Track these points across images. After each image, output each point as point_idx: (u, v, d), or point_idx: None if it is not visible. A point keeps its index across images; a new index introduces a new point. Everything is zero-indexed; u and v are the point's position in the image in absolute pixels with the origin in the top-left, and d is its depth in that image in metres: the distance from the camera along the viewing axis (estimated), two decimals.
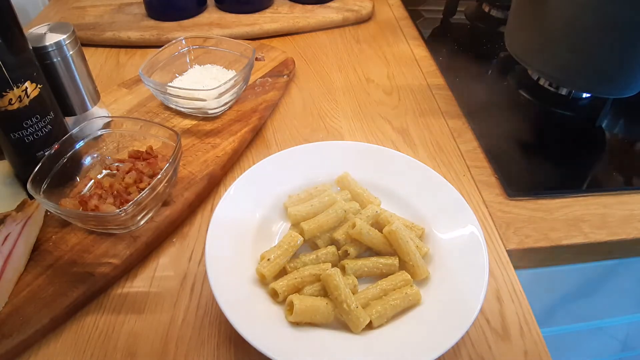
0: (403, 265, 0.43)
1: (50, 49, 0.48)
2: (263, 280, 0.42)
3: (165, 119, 0.61)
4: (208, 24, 0.83)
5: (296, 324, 0.39)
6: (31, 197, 0.46)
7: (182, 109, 0.62)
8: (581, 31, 0.57)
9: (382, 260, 0.43)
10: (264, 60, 0.73)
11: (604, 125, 0.66)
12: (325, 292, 0.41)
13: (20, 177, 0.49)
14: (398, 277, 0.42)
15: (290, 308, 0.39)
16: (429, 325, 0.39)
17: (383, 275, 0.43)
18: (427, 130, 0.64)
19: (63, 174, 0.48)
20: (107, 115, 0.59)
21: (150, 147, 0.53)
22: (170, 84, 0.65)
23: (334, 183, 0.51)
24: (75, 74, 0.52)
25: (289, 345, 0.37)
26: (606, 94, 0.65)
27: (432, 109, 0.68)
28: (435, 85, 0.73)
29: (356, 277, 0.42)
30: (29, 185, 0.43)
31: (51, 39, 0.48)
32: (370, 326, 0.39)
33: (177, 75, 0.67)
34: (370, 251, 0.45)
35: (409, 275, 0.42)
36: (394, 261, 0.43)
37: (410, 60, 0.79)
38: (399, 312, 0.40)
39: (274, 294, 0.41)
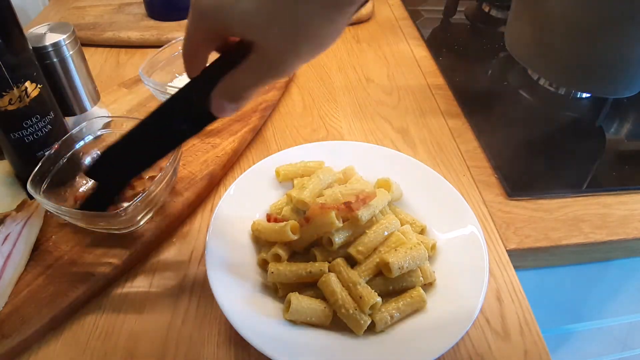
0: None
1: (50, 49, 0.48)
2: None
3: None
4: None
5: (295, 324, 0.39)
6: (31, 197, 0.46)
7: None
8: (581, 31, 0.57)
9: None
10: None
11: (604, 125, 0.66)
12: None
13: (20, 177, 0.49)
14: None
15: (288, 306, 0.39)
16: (429, 325, 0.39)
17: None
18: (427, 130, 0.64)
19: (63, 174, 0.48)
20: (107, 115, 0.59)
21: None
22: (170, 84, 0.64)
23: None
24: (75, 74, 0.52)
25: (289, 345, 0.37)
26: (606, 94, 0.65)
27: (432, 109, 0.68)
28: (435, 85, 0.73)
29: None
30: (29, 185, 0.43)
31: (51, 39, 0.48)
32: (373, 329, 0.39)
33: (177, 75, 0.67)
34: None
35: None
36: None
37: (410, 60, 0.79)
38: (403, 317, 0.40)
39: (263, 264, 0.43)
